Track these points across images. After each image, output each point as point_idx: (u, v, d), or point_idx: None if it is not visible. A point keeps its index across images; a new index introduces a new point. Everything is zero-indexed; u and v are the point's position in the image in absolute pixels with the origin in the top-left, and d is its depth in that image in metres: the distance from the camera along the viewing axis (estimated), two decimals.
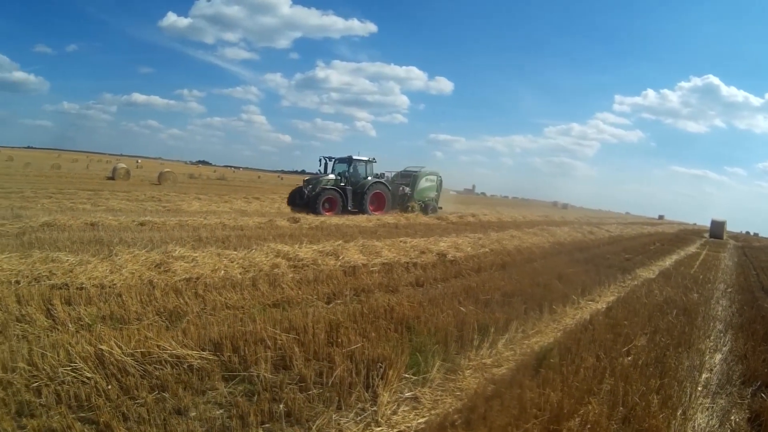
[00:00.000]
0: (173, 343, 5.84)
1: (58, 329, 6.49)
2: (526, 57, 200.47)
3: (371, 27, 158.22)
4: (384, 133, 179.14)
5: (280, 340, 6.24)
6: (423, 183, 30.97)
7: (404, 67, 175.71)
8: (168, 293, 8.19)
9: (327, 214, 24.42)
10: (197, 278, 9.17)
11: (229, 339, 6.11)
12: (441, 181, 32.53)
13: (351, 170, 27.19)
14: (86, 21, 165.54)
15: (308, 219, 20.58)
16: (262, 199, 32.31)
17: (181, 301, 7.87)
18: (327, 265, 11.29)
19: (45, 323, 6.69)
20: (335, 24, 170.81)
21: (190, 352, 5.73)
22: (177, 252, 10.58)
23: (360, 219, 23.13)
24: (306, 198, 25.77)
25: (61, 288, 8.06)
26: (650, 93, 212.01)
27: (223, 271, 9.74)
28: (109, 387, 4.96)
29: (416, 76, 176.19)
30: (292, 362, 5.82)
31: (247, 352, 5.87)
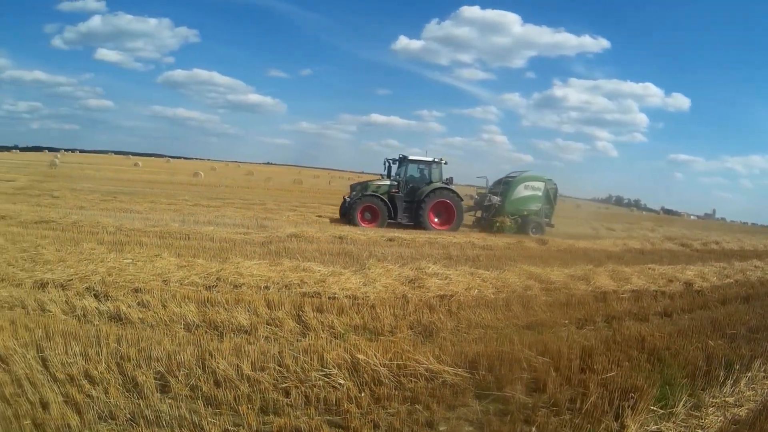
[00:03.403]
0: (430, 357, 6.12)
1: (309, 335, 7.13)
2: (762, 69, 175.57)
3: (604, 43, 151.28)
4: (624, 153, 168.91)
5: (535, 363, 6.36)
6: (520, 191, 24.84)
7: (640, 84, 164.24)
8: (421, 309, 8.64)
9: (367, 226, 21.31)
10: (451, 296, 9.51)
11: (484, 358, 6.30)
12: (555, 190, 25.82)
13: (404, 173, 23.20)
14: (319, 46, 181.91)
15: (556, 241, 20.43)
16: None
17: (435, 317, 8.28)
18: (578, 289, 11.40)
19: (295, 328, 7.40)
20: (568, 41, 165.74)
21: (445, 368, 5.96)
22: (430, 269, 11.19)
23: (606, 243, 22.04)
24: (347, 206, 22.80)
25: (312, 296, 8.91)
26: None
27: (476, 291, 10.04)
28: (362, 395, 5.31)
29: (653, 92, 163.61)
30: (545, 386, 5.88)
31: (502, 372, 6.02)
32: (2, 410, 4.63)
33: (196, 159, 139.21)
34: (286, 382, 5.46)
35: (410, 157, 23.26)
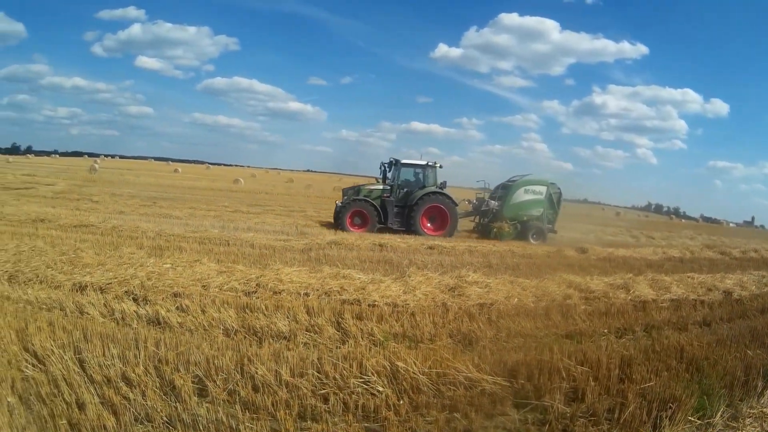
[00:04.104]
0: (470, 366, 6.11)
1: (348, 342, 7.19)
2: None
3: (642, 49, 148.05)
4: (664, 160, 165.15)
5: (574, 372, 6.34)
6: (520, 195, 23.70)
7: (679, 90, 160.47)
8: (461, 317, 8.66)
9: (357, 231, 20.95)
10: (491, 304, 9.55)
11: (524, 366, 6.31)
12: (559, 195, 24.56)
13: (397, 177, 22.64)
14: (358, 55, 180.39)
15: (596, 249, 20.13)
16: None
17: (475, 325, 8.28)
18: (618, 298, 11.35)
19: (335, 335, 7.48)
20: (606, 47, 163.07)
21: (484, 376, 5.95)
22: (470, 277, 11.21)
23: (646, 251, 21.57)
24: (337, 211, 22.40)
25: (352, 303, 8.98)
26: None
27: (516, 299, 10.05)
28: (401, 402, 5.32)
29: (692, 98, 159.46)
30: (584, 395, 5.86)
31: (541, 381, 6.01)
32: (38, 410, 4.72)
33: (236, 166, 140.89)
34: (324, 389, 5.49)
35: (403, 161, 22.84)
